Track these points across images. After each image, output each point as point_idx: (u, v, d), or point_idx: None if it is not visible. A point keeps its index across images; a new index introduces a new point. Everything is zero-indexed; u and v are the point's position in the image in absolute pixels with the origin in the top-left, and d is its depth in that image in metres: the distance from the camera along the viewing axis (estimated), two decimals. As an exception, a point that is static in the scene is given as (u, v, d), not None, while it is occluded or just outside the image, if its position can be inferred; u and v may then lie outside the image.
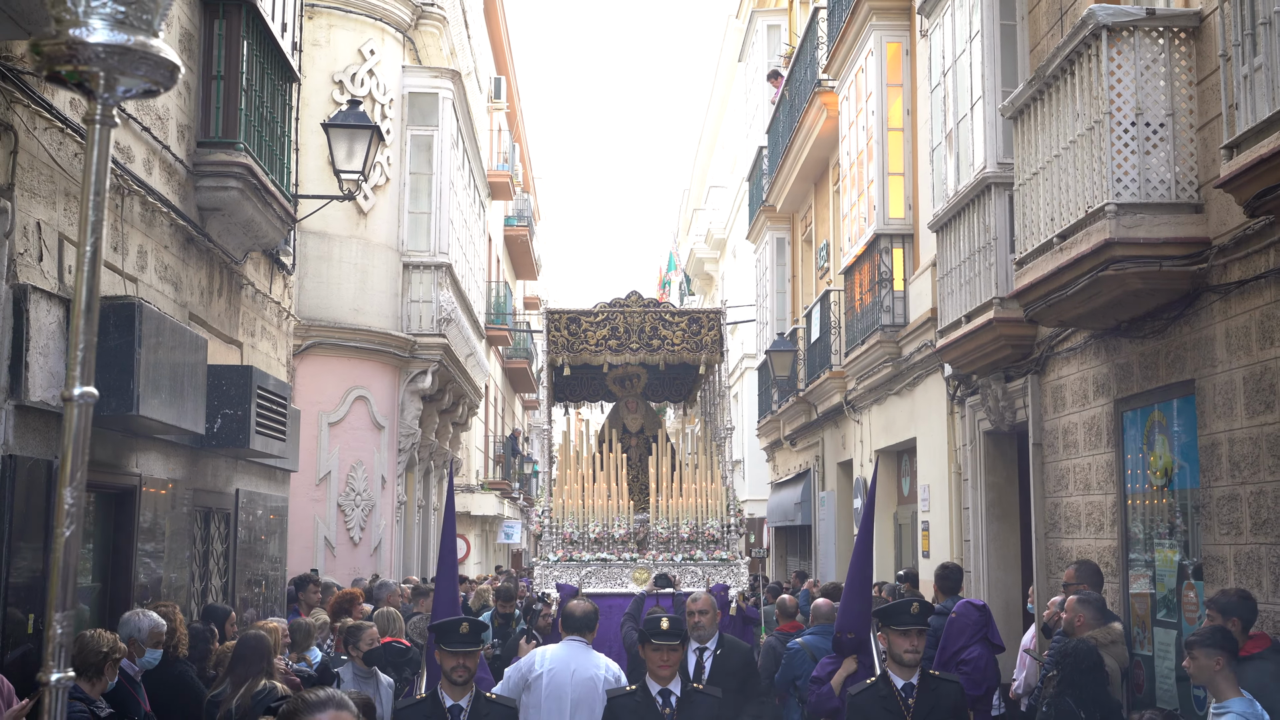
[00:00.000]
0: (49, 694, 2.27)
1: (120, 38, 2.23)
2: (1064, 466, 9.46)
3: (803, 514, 20.16)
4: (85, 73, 2.25)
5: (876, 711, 5.69)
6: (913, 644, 5.79)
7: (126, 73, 2.27)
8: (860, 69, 14.37)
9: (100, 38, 2.21)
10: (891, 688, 5.75)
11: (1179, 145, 7.22)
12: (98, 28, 2.21)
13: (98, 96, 2.30)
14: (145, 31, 2.27)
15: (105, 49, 2.22)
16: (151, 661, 6.47)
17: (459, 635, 5.72)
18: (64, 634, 2.29)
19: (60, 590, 2.30)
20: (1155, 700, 8.00)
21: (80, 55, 2.22)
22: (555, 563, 10.30)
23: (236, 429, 8.54)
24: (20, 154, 5.98)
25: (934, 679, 5.92)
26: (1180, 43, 7.29)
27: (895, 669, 5.82)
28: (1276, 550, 6.47)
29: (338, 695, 3.06)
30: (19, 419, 5.95)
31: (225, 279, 9.49)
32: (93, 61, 2.23)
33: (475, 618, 7.36)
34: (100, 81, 2.27)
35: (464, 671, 5.69)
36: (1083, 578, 7.85)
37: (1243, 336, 6.81)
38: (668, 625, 5.96)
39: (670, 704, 5.84)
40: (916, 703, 5.71)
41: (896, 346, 13.55)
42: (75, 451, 2.29)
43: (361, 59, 16.30)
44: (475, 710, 5.68)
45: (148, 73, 2.28)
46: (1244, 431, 6.78)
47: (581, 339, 11.06)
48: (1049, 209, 8.08)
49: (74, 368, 2.29)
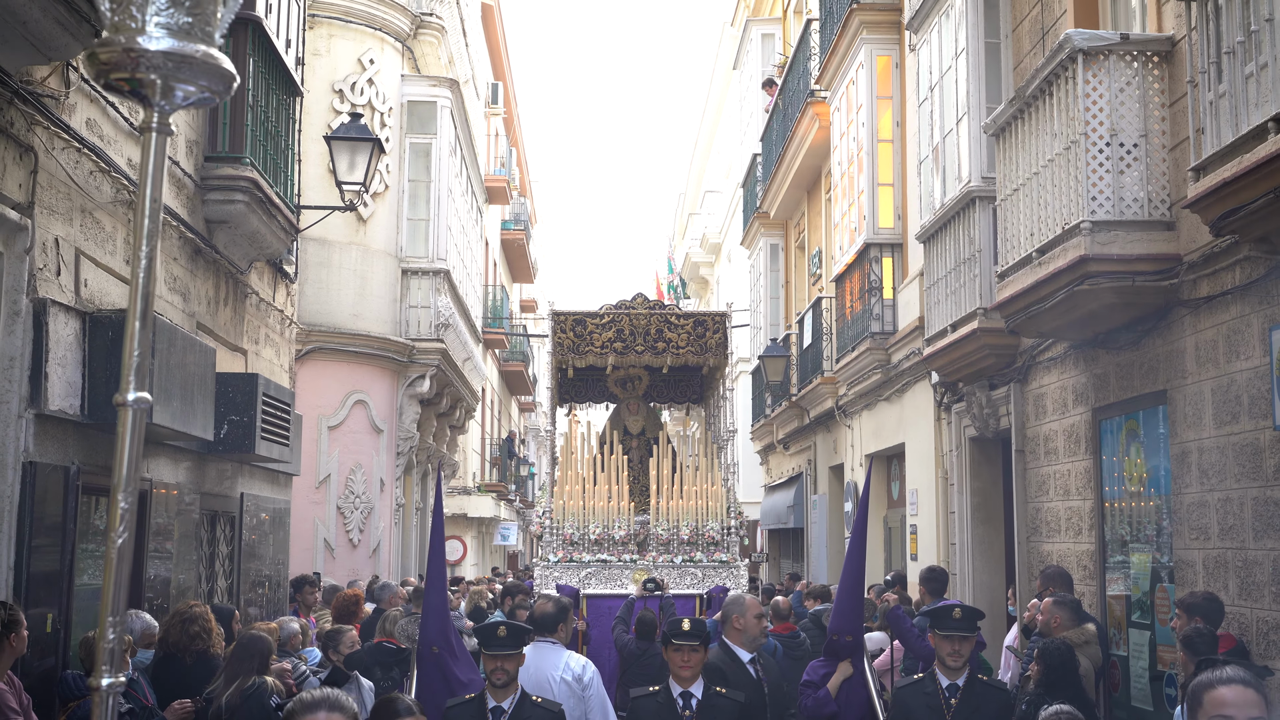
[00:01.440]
0: (98, 699, 2.31)
1: (182, 46, 2.27)
2: (1045, 472, 9.74)
3: (795, 517, 20.44)
4: (143, 80, 2.28)
5: (919, 708, 5.79)
6: (954, 648, 5.89)
7: (185, 80, 2.30)
8: (851, 81, 14.66)
9: (162, 45, 2.25)
10: (937, 686, 5.86)
11: (1151, 165, 7.51)
12: (158, 36, 2.26)
13: (154, 104, 2.33)
14: (206, 41, 2.32)
15: (166, 56, 2.26)
16: (144, 660, 6.72)
17: (497, 639, 5.70)
18: (116, 639, 2.33)
19: (113, 595, 2.32)
20: (1130, 698, 8.29)
21: (141, 63, 2.26)
22: (556, 564, 10.38)
23: (242, 435, 8.81)
24: (40, 173, 6.25)
25: (981, 684, 5.99)
26: (1153, 66, 7.58)
27: (942, 669, 5.93)
28: (1242, 555, 6.75)
29: (332, 696, 3.11)
30: (39, 427, 6.22)
31: (231, 288, 9.77)
32: (152, 69, 2.27)
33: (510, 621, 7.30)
34: (157, 89, 2.30)
35: (502, 674, 5.65)
36: (1049, 585, 8.11)
37: (1211, 350, 7.10)
38: (689, 626, 5.96)
39: (691, 706, 5.84)
40: (959, 704, 5.79)
41: (886, 354, 13.83)
42: (130, 457, 2.32)
43: (361, 68, 16.58)
44: (518, 712, 5.65)
45: (208, 82, 2.33)
46: (1212, 441, 7.07)
47: (587, 340, 11.14)
48: (1029, 224, 8.37)
49: (128, 374, 2.34)
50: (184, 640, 6.94)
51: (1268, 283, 6.48)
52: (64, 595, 6.54)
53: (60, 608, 6.49)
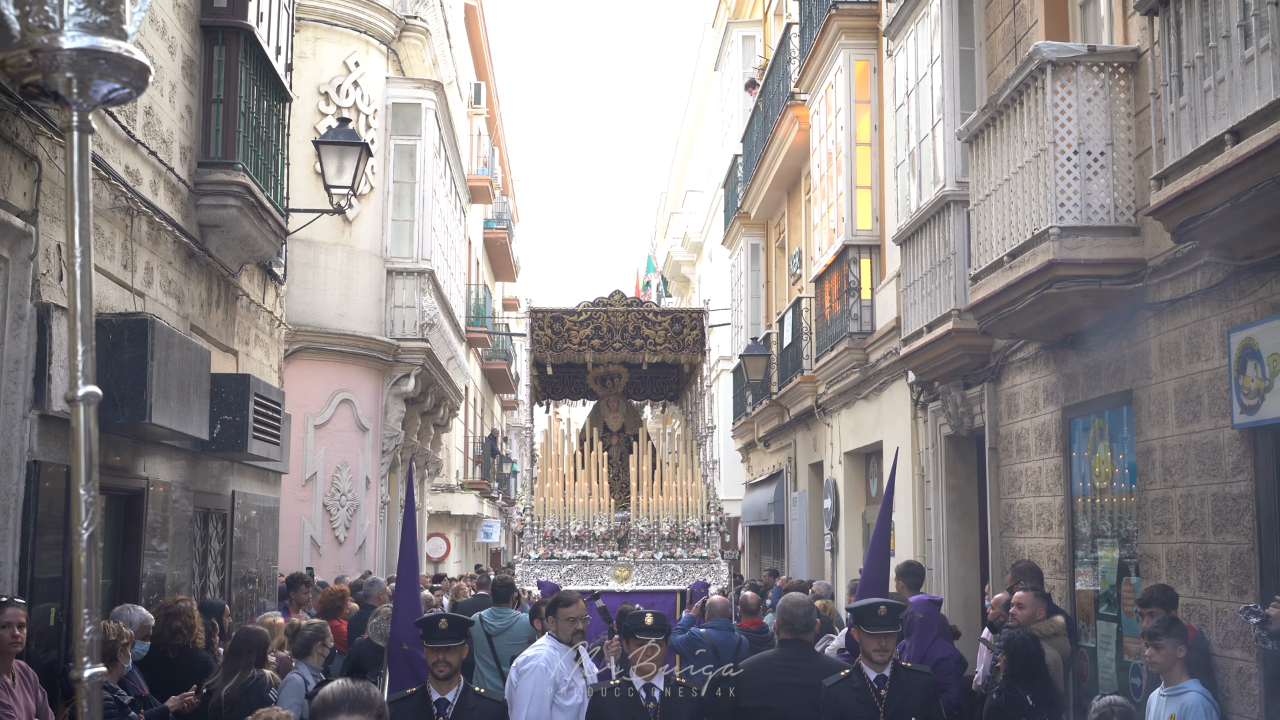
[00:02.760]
0: (81, 690, 2.37)
1: (100, 42, 2.30)
2: (1017, 469, 10.02)
3: (775, 514, 20.70)
4: (57, 80, 2.31)
5: (851, 702, 5.92)
6: (880, 644, 6.01)
7: (103, 76, 2.33)
8: (830, 85, 14.91)
9: (81, 43, 2.29)
10: (865, 679, 5.98)
11: (1118, 172, 7.78)
12: (76, 35, 2.29)
13: (72, 102, 2.36)
14: (121, 37, 2.35)
15: (83, 54, 2.28)
16: (140, 652, 6.93)
17: (438, 631, 5.77)
18: (94, 630, 2.38)
19: (86, 589, 2.37)
20: (1098, 688, 8.56)
21: (54, 62, 2.29)
22: (536, 560, 10.44)
23: (235, 434, 9.01)
24: (43, 182, 6.45)
25: (905, 670, 6.13)
26: (1120, 77, 7.84)
27: (868, 663, 6.04)
28: (1202, 549, 7.03)
29: (354, 692, 2.96)
30: (42, 427, 6.43)
31: (223, 291, 9.96)
32: (67, 68, 2.29)
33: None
34: (74, 86, 2.33)
35: (445, 666, 5.71)
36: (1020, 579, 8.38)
37: (1174, 351, 7.37)
38: (652, 620, 6.13)
39: (654, 699, 6.00)
40: (889, 693, 5.93)
41: (864, 353, 14.08)
42: (87, 450, 2.37)
43: (347, 71, 16.77)
44: (462, 704, 5.70)
45: (126, 77, 2.36)
46: (1175, 439, 7.35)
47: (565, 338, 11.18)
48: (1000, 229, 8.63)
49: (75, 371, 2.39)
50: (166, 634, 7.16)
51: (1227, 287, 6.76)
52: (66, 590, 6.74)
53: (63, 602, 6.70)
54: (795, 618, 6.39)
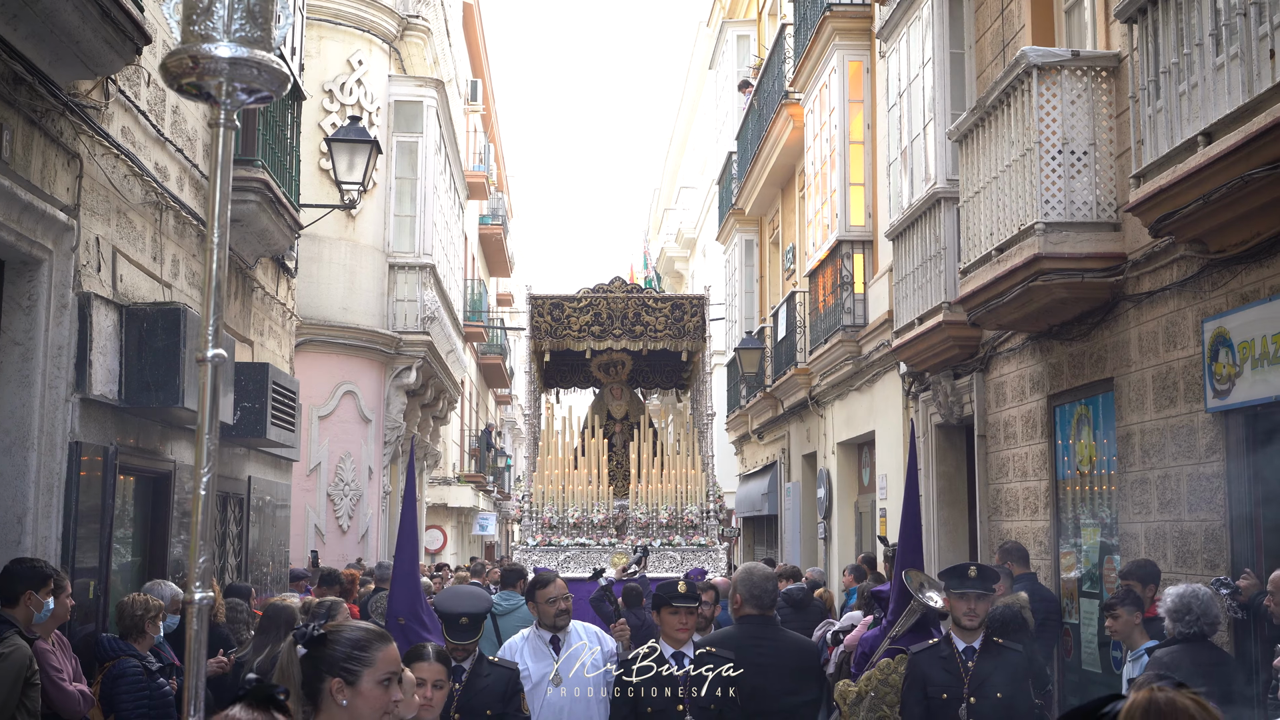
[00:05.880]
0: (191, 611, 2.71)
1: (250, 53, 2.66)
2: (1004, 456, 10.43)
3: (769, 504, 21.10)
4: (210, 83, 2.67)
5: (935, 671, 5.70)
6: (970, 606, 5.74)
7: (248, 81, 2.68)
8: (824, 85, 15.30)
9: (232, 52, 2.65)
10: (953, 649, 5.75)
11: (1100, 171, 8.19)
12: (230, 45, 2.66)
13: (220, 102, 2.73)
14: (267, 48, 2.73)
15: (231, 62, 2.64)
16: (172, 625, 7.29)
17: (459, 627, 5.85)
18: (207, 559, 2.75)
19: (201, 525, 2.73)
20: (1081, 662, 8.98)
21: (209, 68, 2.65)
22: (534, 547, 10.62)
23: (255, 420, 9.36)
24: (84, 178, 6.82)
25: (997, 646, 5.83)
26: (1102, 80, 8.25)
27: (958, 632, 5.80)
28: (1178, 527, 7.45)
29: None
30: (83, 410, 6.80)
31: (240, 283, 10.33)
32: (217, 74, 2.65)
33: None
34: (222, 89, 2.69)
35: (462, 653, 5.79)
36: (1007, 559, 8.77)
37: (1152, 340, 7.78)
38: (685, 589, 5.98)
39: (683, 665, 5.83)
40: (976, 666, 5.67)
41: (857, 345, 14.48)
42: (211, 404, 2.72)
43: (350, 69, 17.14)
44: (476, 670, 5.81)
45: (268, 80, 2.73)
46: (1153, 423, 7.76)
47: (564, 325, 11.27)
48: (988, 225, 9.03)
49: (206, 335, 2.76)
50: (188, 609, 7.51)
51: (1201, 279, 7.16)
52: (103, 565, 7.11)
53: (100, 576, 7.07)
54: (765, 592, 6.19)
